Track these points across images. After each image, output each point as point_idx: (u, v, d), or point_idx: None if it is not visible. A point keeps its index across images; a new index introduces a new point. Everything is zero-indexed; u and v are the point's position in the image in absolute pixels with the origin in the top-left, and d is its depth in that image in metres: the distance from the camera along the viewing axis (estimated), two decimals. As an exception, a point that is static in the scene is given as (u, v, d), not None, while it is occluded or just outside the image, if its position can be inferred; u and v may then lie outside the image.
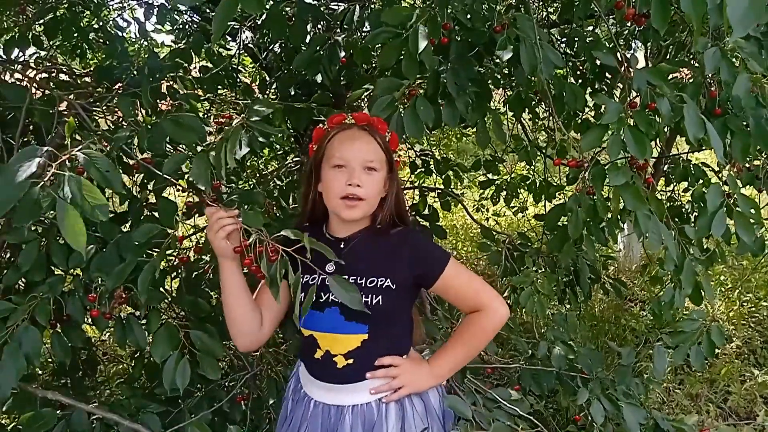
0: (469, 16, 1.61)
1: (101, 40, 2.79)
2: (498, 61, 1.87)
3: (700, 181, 2.07)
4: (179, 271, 1.83)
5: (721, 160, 1.33)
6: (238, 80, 2.75)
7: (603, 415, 1.69)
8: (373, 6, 2.22)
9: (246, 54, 3.01)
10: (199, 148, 1.39)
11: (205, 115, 2.73)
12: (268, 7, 2.04)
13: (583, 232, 1.57)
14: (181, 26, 2.93)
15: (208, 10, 2.72)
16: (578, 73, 2.14)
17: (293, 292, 1.17)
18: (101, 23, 2.86)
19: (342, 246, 1.35)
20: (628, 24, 2.03)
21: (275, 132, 1.39)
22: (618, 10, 1.42)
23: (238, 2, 0.88)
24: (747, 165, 1.76)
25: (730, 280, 4.17)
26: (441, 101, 1.63)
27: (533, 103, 2.43)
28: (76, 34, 2.55)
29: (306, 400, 1.37)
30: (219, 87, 2.58)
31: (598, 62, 1.99)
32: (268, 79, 2.93)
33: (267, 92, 2.79)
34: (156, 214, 1.63)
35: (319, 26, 2.43)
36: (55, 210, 0.99)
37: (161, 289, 1.65)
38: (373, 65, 2.60)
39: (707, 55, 1.33)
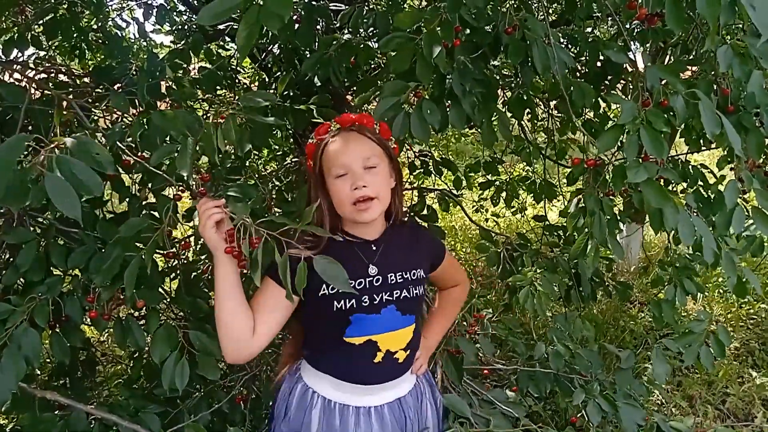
0: (474, 16, 1.60)
1: (100, 41, 2.79)
2: (498, 62, 1.87)
3: (699, 182, 2.06)
4: (178, 271, 1.82)
5: (740, 154, 1.30)
6: (237, 81, 2.74)
7: (600, 416, 1.69)
8: (377, 7, 2.22)
9: (245, 54, 2.99)
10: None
11: (203, 116, 2.72)
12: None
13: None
14: (180, 27, 2.93)
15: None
16: (578, 74, 2.14)
17: (281, 273, 1.11)
18: (100, 23, 2.86)
19: (374, 248, 1.36)
20: (627, 25, 2.02)
21: (272, 122, 1.38)
22: (630, 10, 1.41)
23: (260, 22, 0.86)
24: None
25: (728, 282, 4.17)
26: (447, 102, 1.62)
27: (533, 104, 2.42)
28: (75, 35, 2.54)
29: (351, 412, 1.34)
30: (218, 87, 2.57)
31: (598, 63, 1.98)
32: (267, 79, 2.93)
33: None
34: (155, 213, 1.63)
35: (319, 27, 2.43)
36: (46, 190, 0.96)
37: (160, 289, 1.64)
38: (373, 65, 2.60)
39: (720, 53, 1.32)
